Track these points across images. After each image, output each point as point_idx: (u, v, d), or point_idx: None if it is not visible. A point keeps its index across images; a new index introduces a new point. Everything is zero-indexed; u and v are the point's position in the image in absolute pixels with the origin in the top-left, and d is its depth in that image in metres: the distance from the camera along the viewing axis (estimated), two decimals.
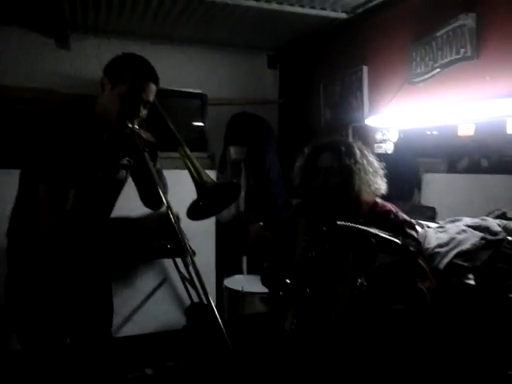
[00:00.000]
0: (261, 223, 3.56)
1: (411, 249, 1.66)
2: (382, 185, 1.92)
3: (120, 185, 1.88)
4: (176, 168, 2.04)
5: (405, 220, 1.88)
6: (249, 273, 3.31)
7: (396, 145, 2.83)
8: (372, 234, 1.59)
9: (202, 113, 3.48)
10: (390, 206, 1.92)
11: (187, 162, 1.78)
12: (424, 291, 1.68)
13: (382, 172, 1.93)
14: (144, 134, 1.75)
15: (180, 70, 3.82)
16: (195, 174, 1.74)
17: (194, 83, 3.61)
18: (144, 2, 3.03)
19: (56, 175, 1.62)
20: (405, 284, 1.67)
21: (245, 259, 3.33)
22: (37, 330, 1.75)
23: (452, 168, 2.77)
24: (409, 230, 1.85)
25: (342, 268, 1.66)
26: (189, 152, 1.81)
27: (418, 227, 2.05)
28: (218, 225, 3.35)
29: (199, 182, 1.72)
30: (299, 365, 1.66)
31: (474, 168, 2.62)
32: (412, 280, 1.69)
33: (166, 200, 1.67)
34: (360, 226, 1.63)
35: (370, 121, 2.92)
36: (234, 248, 3.40)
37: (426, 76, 2.51)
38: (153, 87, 1.70)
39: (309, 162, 1.97)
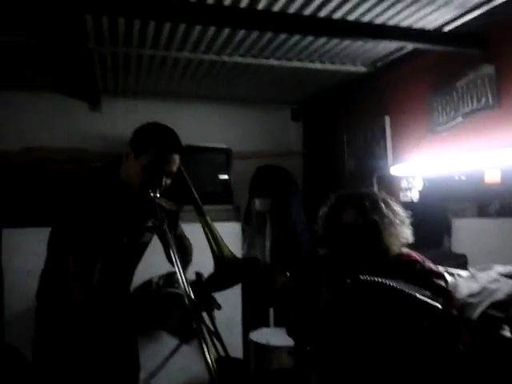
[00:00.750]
0: (287, 273, 3.52)
1: (454, 313, 1.57)
2: (409, 234, 1.89)
3: (144, 247, 1.89)
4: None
5: (431, 270, 1.82)
6: (276, 325, 3.25)
7: (422, 192, 2.82)
8: (406, 294, 1.53)
9: (227, 166, 3.55)
10: (415, 255, 1.87)
11: (207, 232, 1.76)
12: (463, 350, 1.60)
13: (408, 221, 1.91)
14: (165, 204, 1.74)
15: (205, 125, 3.96)
16: (215, 246, 1.72)
17: (218, 138, 3.72)
18: (171, 65, 3.18)
19: (84, 246, 1.62)
20: (445, 348, 1.59)
21: (271, 311, 3.28)
22: None
23: (482, 212, 2.72)
24: (437, 281, 1.78)
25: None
26: (210, 221, 1.80)
27: (447, 275, 1.99)
28: None
29: (218, 255, 1.71)
30: None
31: (505, 211, 2.57)
32: (453, 344, 1.61)
33: (184, 283, 1.66)
34: (387, 282, 1.58)
35: (395, 169, 2.93)
36: (260, 300, 3.36)
37: (447, 125, 2.53)
38: (176, 158, 1.70)
39: (333, 216, 1.95)
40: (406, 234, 1.87)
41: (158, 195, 1.71)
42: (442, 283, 1.81)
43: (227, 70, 3.27)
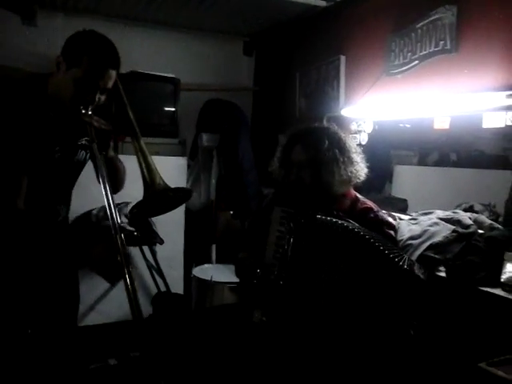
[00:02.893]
0: (231, 212, 3.50)
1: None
2: (358, 171, 1.88)
3: (79, 166, 1.77)
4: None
5: (384, 220, 1.85)
6: (218, 262, 3.25)
7: (370, 136, 2.81)
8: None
9: (174, 98, 3.38)
10: (370, 203, 1.89)
11: (140, 158, 1.68)
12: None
13: (358, 157, 1.89)
14: (96, 123, 1.60)
15: (153, 53, 3.70)
16: (146, 174, 1.65)
17: (166, 67, 3.50)
18: None
19: (5, 161, 1.49)
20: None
21: (214, 248, 3.27)
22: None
23: (423, 161, 2.82)
24: (388, 230, 1.82)
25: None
26: (144, 147, 1.71)
27: (391, 219, 2.03)
28: (188, 213, 3.27)
29: (149, 182, 1.64)
30: (266, 358, 1.61)
31: (443, 161, 2.67)
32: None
33: (112, 209, 1.54)
34: (344, 224, 1.57)
35: (346, 111, 2.89)
36: (203, 237, 3.33)
37: (404, 68, 2.49)
38: (112, 73, 1.56)
39: (284, 155, 1.93)
40: (354, 172, 1.86)
41: (90, 113, 1.57)
42: (393, 233, 1.86)
43: None
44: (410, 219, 2.21)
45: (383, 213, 1.89)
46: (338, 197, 1.86)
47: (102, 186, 1.55)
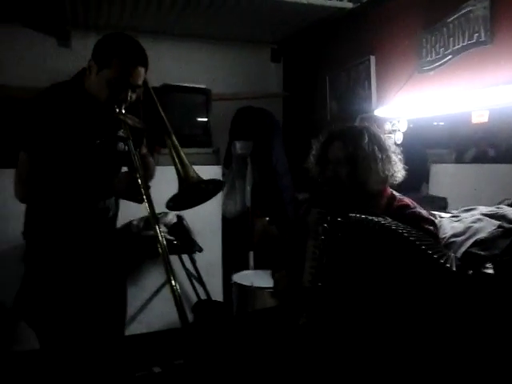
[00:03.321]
0: (267, 218, 3.51)
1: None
2: (396, 172, 1.85)
3: (121, 156, 1.81)
4: None
5: (422, 216, 1.80)
6: (256, 268, 3.25)
7: (405, 135, 2.77)
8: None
9: (206, 108, 3.43)
10: (407, 200, 1.85)
11: (173, 153, 1.73)
12: None
13: (397, 158, 1.86)
14: (130, 121, 1.69)
15: (183, 65, 3.77)
16: (180, 167, 1.69)
17: (197, 79, 3.56)
18: None
19: (36, 143, 1.59)
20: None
21: (251, 255, 3.27)
22: (53, 319, 1.72)
23: (459, 158, 2.76)
24: (426, 226, 1.77)
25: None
26: (176, 143, 1.77)
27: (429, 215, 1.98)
28: (224, 220, 3.29)
29: (183, 176, 1.68)
30: (312, 361, 1.60)
31: (481, 158, 2.59)
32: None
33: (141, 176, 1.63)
34: (381, 221, 1.54)
35: (379, 111, 2.86)
36: (240, 244, 3.35)
37: (436, 64, 2.45)
38: (141, 71, 1.64)
39: (321, 152, 1.92)
40: (392, 171, 1.84)
41: (124, 111, 1.65)
42: (432, 229, 1.80)
43: (206, 3, 3.08)
44: (452, 216, 2.15)
45: (421, 209, 1.84)
46: (374, 195, 1.84)
47: (139, 180, 1.63)
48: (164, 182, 1.81)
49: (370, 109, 2.99)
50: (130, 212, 2.63)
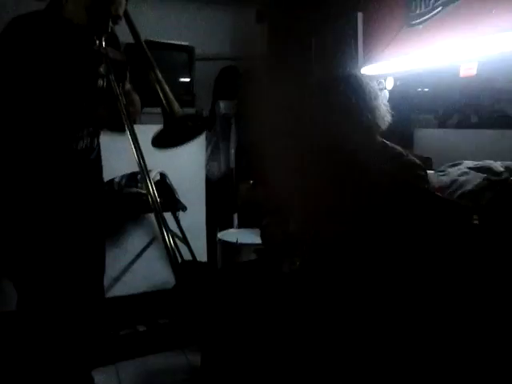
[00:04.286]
0: (251, 181, 3.47)
1: None
2: (379, 118, 1.81)
3: (100, 94, 1.73)
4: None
5: (415, 163, 1.80)
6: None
7: (391, 96, 2.74)
8: None
9: (189, 66, 3.33)
10: (399, 148, 1.85)
11: (157, 87, 1.66)
12: None
13: (378, 103, 1.82)
14: (111, 54, 1.62)
15: (166, 24, 3.63)
16: (164, 102, 1.63)
17: (180, 38, 3.45)
18: None
19: (15, 81, 1.49)
20: None
21: (236, 216, 3.25)
22: (33, 272, 1.67)
23: (443, 124, 2.76)
24: (419, 172, 1.77)
25: None
26: (160, 77, 1.69)
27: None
28: (208, 182, 3.25)
29: (168, 110, 1.62)
30: (300, 307, 1.58)
31: (464, 124, 2.60)
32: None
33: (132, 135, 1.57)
34: None
35: (366, 69, 2.81)
36: (224, 206, 3.31)
37: (426, 16, 2.38)
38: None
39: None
40: (371, 117, 1.79)
41: (104, 43, 1.58)
42: (423, 174, 1.80)
43: None
44: (438, 171, 2.15)
45: (412, 156, 1.84)
46: (363, 142, 1.80)
47: (124, 118, 1.56)
48: (146, 141, 1.72)
49: (357, 67, 2.93)
50: (111, 169, 2.57)
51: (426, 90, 2.82)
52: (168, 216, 2.86)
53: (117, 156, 2.15)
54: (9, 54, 1.50)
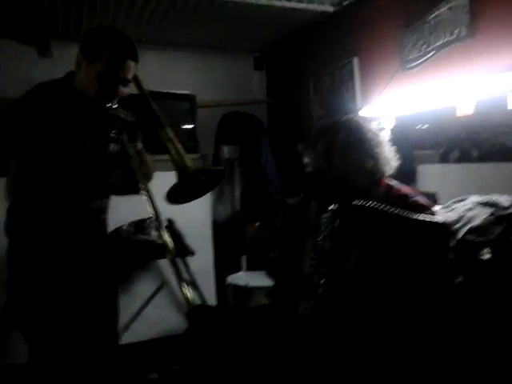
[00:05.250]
0: (257, 224, 3.49)
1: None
2: (384, 165, 1.82)
3: (113, 158, 1.77)
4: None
5: (422, 205, 1.76)
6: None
7: (392, 136, 2.80)
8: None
9: (191, 114, 3.43)
10: (407, 189, 1.82)
11: (169, 144, 1.68)
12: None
13: (384, 148, 1.84)
14: (123, 115, 1.67)
15: (167, 73, 3.77)
16: (177, 158, 1.65)
17: (181, 86, 3.58)
18: (127, 5, 2.98)
19: (28, 149, 1.54)
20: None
21: (244, 258, 3.26)
22: (45, 325, 1.66)
23: (445, 159, 2.80)
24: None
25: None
26: (171, 135, 1.71)
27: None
28: (215, 226, 3.28)
29: (181, 165, 1.64)
30: (315, 352, 1.58)
31: (465, 158, 2.64)
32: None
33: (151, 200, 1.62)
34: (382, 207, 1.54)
35: (364, 111, 2.90)
36: (232, 248, 3.33)
37: (419, 61, 2.50)
38: (131, 64, 1.62)
39: (310, 150, 1.92)
40: (376, 163, 1.77)
41: (115, 106, 1.63)
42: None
43: (188, 10, 3.10)
44: (444, 207, 2.18)
45: (420, 196, 1.84)
46: (366, 189, 1.81)
47: (138, 176, 1.60)
48: (160, 189, 1.73)
49: (355, 109, 3.03)
50: (118, 217, 2.60)
51: (426, 126, 2.87)
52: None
53: (123, 203, 2.16)
54: (27, 115, 1.56)
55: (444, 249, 1.61)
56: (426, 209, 1.79)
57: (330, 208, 1.67)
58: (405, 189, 1.83)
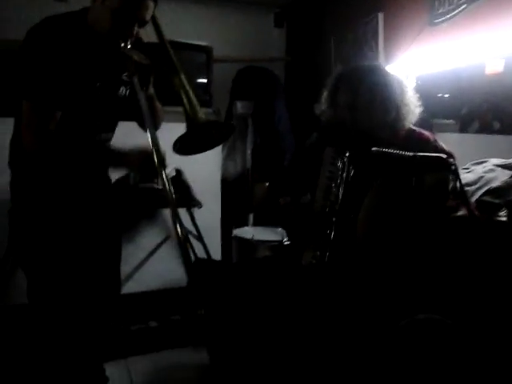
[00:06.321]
0: (267, 184, 3.43)
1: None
2: (407, 115, 1.77)
3: (123, 102, 1.72)
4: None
5: (444, 150, 1.72)
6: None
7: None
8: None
9: (207, 67, 3.31)
10: (428, 134, 1.78)
11: (182, 93, 1.63)
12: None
13: (410, 100, 1.78)
14: (136, 56, 1.57)
15: (185, 25, 3.64)
16: (188, 107, 1.60)
17: (198, 39, 3.45)
18: None
19: (40, 91, 1.47)
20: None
21: (251, 216, 3.21)
22: (44, 260, 1.64)
23: (464, 130, 2.70)
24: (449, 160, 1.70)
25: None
26: (185, 82, 1.66)
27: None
28: (224, 182, 3.22)
29: (191, 115, 1.59)
30: (319, 299, 1.54)
31: (486, 130, 2.54)
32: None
33: (153, 136, 1.54)
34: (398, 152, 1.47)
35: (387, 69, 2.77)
36: (240, 205, 3.27)
37: (450, 15, 2.35)
38: (150, 4, 1.51)
39: (331, 96, 1.84)
40: (400, 116, 1.75)
41: (129, 46, 1.53)
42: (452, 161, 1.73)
43: None
44: (463, 168, 2.09)
45: (441, 143, 1.77)
46: (388, 138, 1.75)
47: (146, 122, 1.53)
48: (167, 139, 1.66)
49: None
50: None
51: (447, 95, 2.77)
52: (184, 214, 2.84)
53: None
54: (38, 52, 1.48)
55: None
56: (447, 153, 1.71)
57: (346, 155, 1.59)
58: (427, 133, 1.79)
